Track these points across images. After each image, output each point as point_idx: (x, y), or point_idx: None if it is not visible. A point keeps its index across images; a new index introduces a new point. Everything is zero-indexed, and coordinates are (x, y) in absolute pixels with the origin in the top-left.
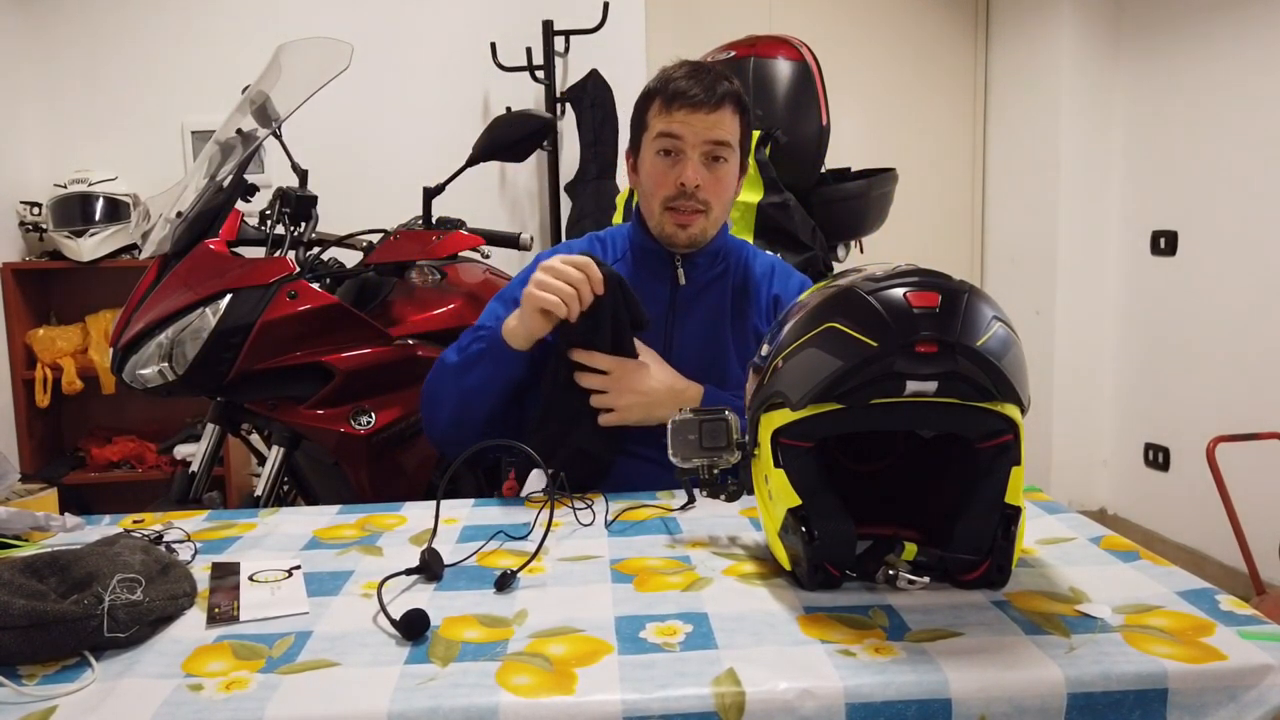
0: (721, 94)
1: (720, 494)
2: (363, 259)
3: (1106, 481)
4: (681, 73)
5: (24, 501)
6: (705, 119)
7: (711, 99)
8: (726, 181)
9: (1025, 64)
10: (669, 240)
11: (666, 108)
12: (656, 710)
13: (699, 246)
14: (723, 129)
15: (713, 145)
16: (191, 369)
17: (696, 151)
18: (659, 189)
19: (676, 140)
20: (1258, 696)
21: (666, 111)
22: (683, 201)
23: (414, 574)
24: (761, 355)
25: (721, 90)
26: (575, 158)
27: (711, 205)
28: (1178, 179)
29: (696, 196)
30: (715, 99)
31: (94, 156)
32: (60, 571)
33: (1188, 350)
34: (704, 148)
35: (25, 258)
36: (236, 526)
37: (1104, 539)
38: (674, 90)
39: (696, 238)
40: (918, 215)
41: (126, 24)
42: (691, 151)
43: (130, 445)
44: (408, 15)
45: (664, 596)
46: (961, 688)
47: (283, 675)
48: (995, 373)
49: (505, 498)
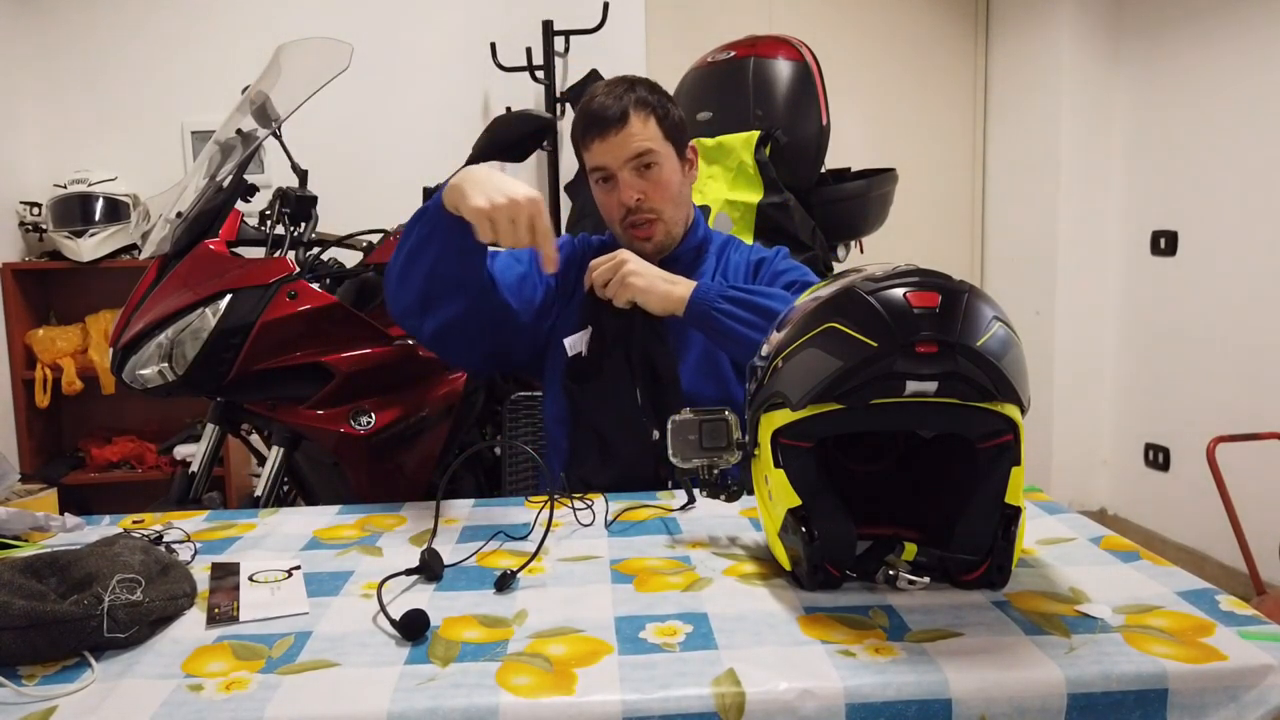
0: (621, 109)
1: (720, 494)
2: (363, 259)
3: (1106, 481)
4: (587, 103)
5: (24, 502)
6: (616, 139)
7: (615, 119)
8: (665, 182)
9: (1025, 64)
10: (641, 254)
11: (585, 142)
12: (656, 710)
13: (669, 249)
14: (637, 139)
15: (636, 158)
16: (191, 369)
17: (625, 170)
18: (611, 214)
19: (604, 169)
20: (1258, 696)
21: (586, 146)
22: (634, 216)
23: (414, 574)
24: (761, 355)
25: (622, 105)
26: (575, 158)
27: (662, 209)
28: (1178, 179)
29: (643, 208)
30: (618, 117)
31: (94, 156)
32: (60, 572)
33: (1188, 350)
34: (628, 164)
35: (25, 258)
36: (236, 527)
37: (1104, 539)
38: (584, 123)
39: (663, 243)
40: (918, 215)
41: (126, 24)
42: (620, 172)
43: (130, 445)
44: (408, 15)
45: (664, 597)
46: (961, 688)
47: (283, 675)
48: (995, 373)
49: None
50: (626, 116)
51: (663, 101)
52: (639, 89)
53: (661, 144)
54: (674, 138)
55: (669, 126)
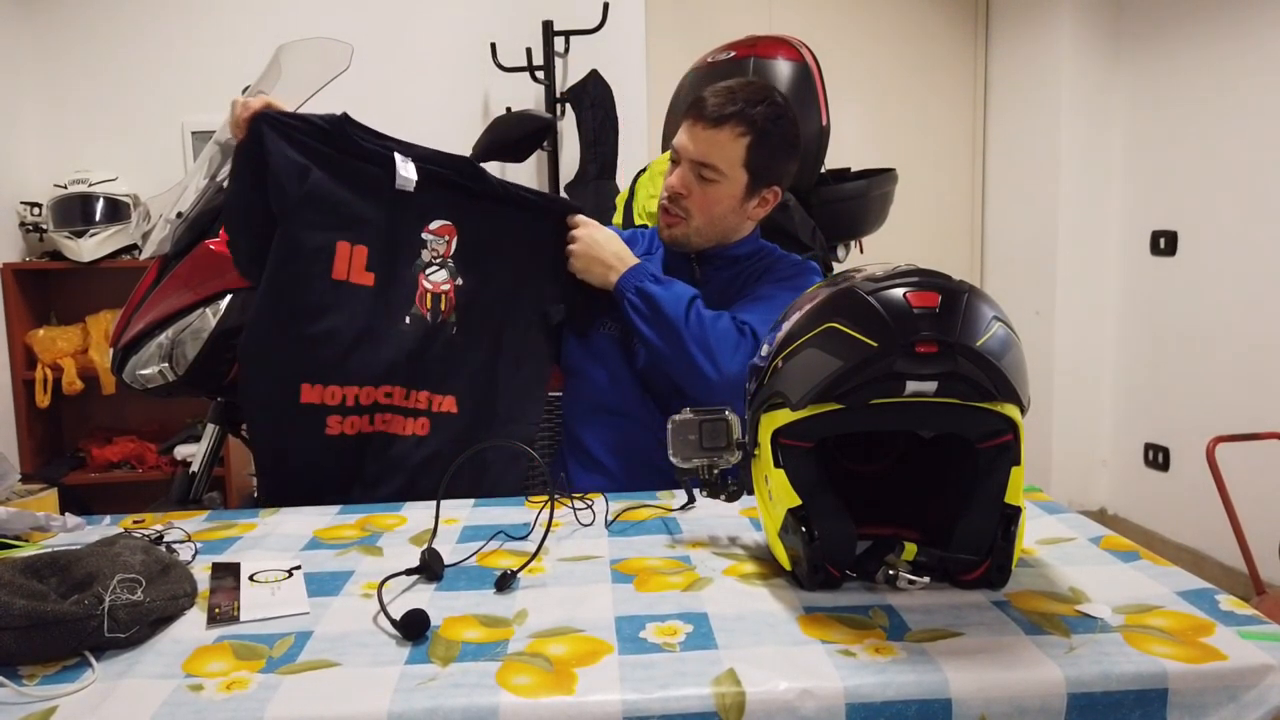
0: (724, 114)
1: (720, 494)
2: None
3: (1106, 481)
4: (713, 86)
5: (24, 502)
6: (701, 134)
7: (712, 118)
8: (711, 199)
9: (1025, 64)
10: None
11: (688, 122)
12: (657, 710)
13: (683, 248)
14: (714, 150)
15: (701, 165)
16: (192, 369)
17: (687, 164)
18: (662, 190)
19: (677, 150)
20: (1258, 696)
21: (687, 125)
22: (669, 204)
23: (414, 574)
24: (761, 355)
25: (727, 111)
26: (575, 158)
27: (692, 215)
28: (1178, 179)
29: (678, 203)
30: (715, 118)
31: (94, 157)
32: (60, 572)
33: (1188, 350)
34: (692, 165)
35: (25, 258)
36: (236, 527)
37: (1104, 539)
38: (693, 102)
39: (678, 239)
40: (918, 215)
41: (126, 24)
42: (684, 163)
43: (130, 445)
44: (408, 16)
45: (664, 596)
46: (961, 688)
47: (283, 675)
48: (995, 373)
49: (506, 498)
50: (722, 123)
51: (772, 133)
52: (760, 108)
53: (733, 168)
54: (756, 169)
55: (758, 157)
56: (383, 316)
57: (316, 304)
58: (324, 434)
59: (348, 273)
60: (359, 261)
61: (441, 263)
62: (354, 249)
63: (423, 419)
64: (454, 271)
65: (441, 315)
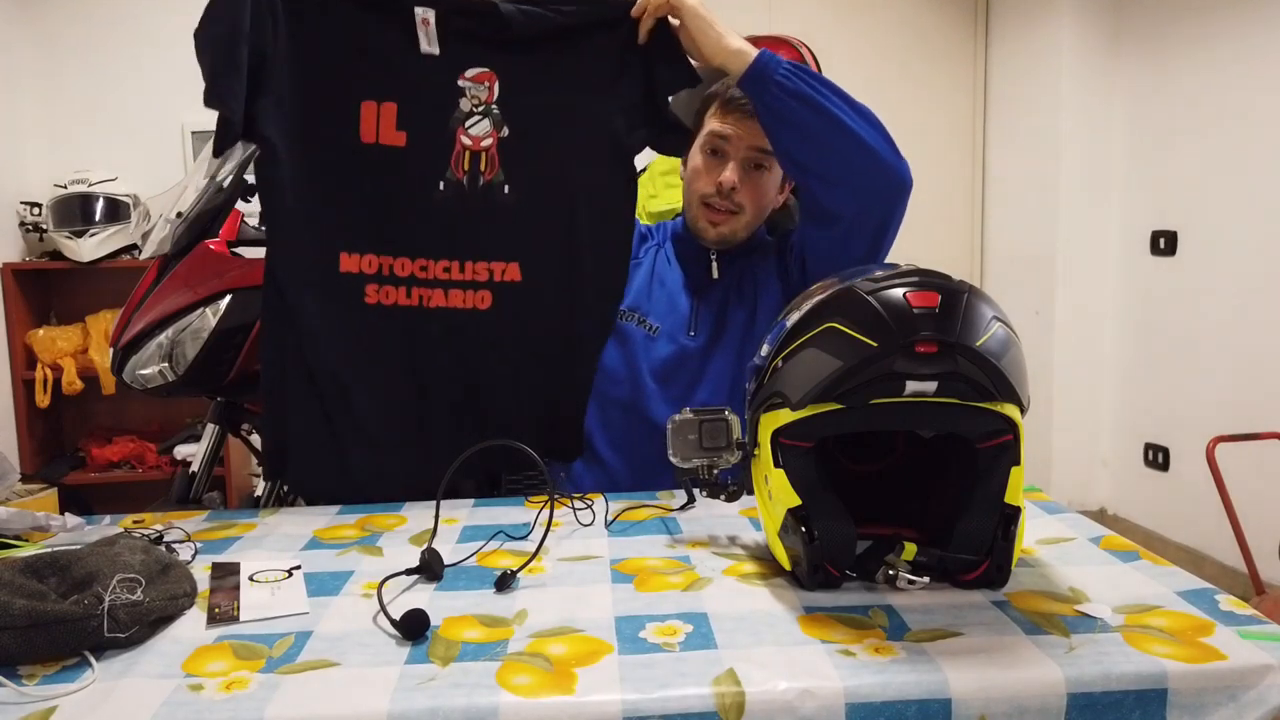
0: None
1: (720, 494)
2: None
3: (1106, 481)
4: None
5: (24, 501)
6: (754, 126)
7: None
8: (764, 188)
9: (1025, 64)
10: (700, 235)
11: (722, 111)
12: (656, 710)
13: (728, 245)
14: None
15: (756, 152)
16: (191, 369)
17: (739, 155)
18: (700, 185)
19: (723, 141)
20: (1258, 696)
21: (721, 115)
22: (718, 200)
23: (414, 574)
24: (761, 355)
25: None
26: None
27: (745, 208)
28: (1178, 179)
29: (732, 198)
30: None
31: (94, 156)
32: (60, 572)
33: (1188, 350)
34: (747, 153)
35: (25, 258)
36: (236, 526)
37: (1104, 539)
38: (731, 95)
39: (726, 237)
40: (918, 215)
41: (126, 24)
42: (735, 155)
43: (130, 445)
44: None
45: (664, 596)
46: (961, 688)
47: (283, 675)
48: (995, 373)
49: (504, 498)
50: None
51: None
52: None
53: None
54: None
55: None
56: (417, 184)
57: (348, 170)
58: (364, 302)
59: (376, 135)
60: (388, 120)
61: (485, 110)
62: (381, 107)
63: (483, 291)
64: (498, 121)
65: (483, 177)
